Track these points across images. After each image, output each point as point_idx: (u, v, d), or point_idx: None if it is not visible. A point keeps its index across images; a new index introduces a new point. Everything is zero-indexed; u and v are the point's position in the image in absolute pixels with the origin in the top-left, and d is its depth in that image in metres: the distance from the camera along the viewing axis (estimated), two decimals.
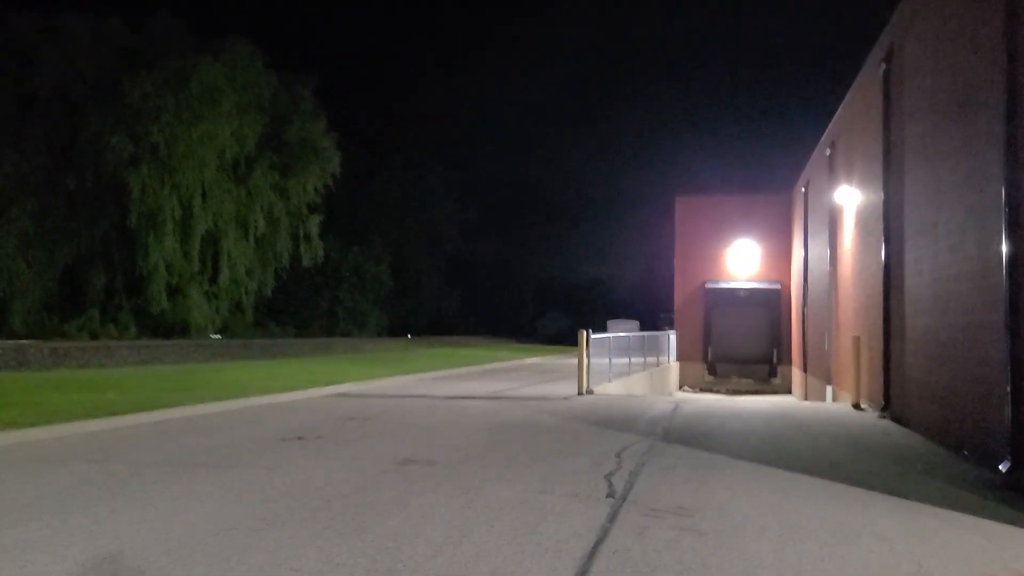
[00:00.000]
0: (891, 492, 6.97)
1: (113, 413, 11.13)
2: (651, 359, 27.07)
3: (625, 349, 22.51)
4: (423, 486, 6.95)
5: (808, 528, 5.70)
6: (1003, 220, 7.67)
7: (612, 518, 5.89)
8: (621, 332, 27.34)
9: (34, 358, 19.78)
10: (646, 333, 29.03)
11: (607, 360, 19.54)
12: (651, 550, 5.06)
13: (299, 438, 9.70)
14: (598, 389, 17.48)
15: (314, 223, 42.42)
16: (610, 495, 6.70)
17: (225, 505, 6.12)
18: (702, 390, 32.24)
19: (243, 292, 39.74)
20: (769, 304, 32.95)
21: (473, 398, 15.67)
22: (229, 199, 37.43)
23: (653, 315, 57.01)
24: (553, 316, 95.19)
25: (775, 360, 32.75)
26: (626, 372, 21.75)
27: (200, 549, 4.98)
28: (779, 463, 8.40)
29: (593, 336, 17.76)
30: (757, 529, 5.66)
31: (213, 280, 37.95)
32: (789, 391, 31.41)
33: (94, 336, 30.72)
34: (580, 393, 16.43)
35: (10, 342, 21.83)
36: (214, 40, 37.78)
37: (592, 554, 4.98)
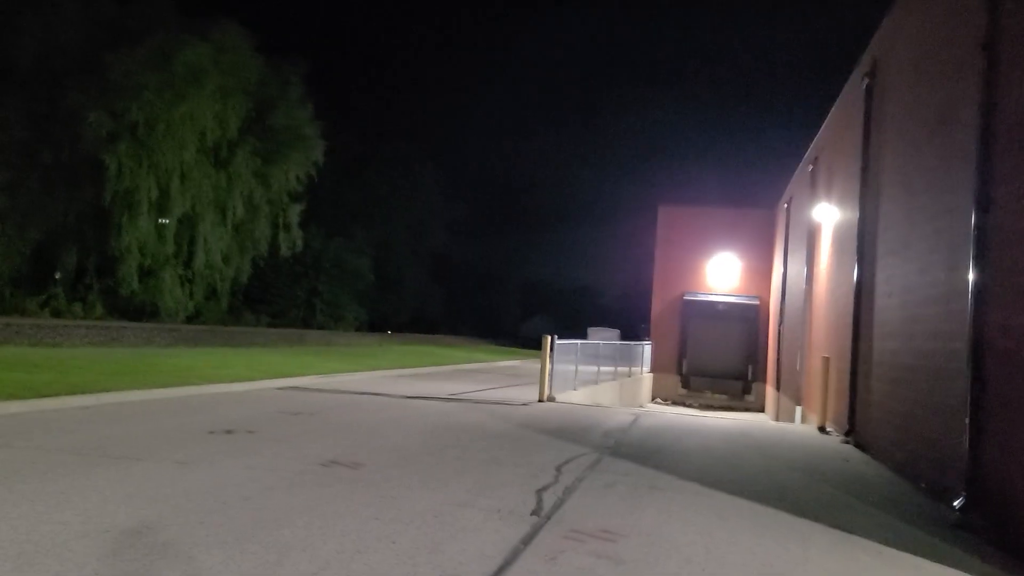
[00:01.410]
0: (837, 525, 6.55)
1: (41, 395, 10.60)
2: (623, 369, 26.65)
3: (596, 357, 22.09)
4: (338, 491, 6.48)
5: (736, 563, 5.27)
6: (971, 244, 7.28)
7: (529, 539, 5.44)
8: (601, 340, 26.95)
9: None
10: (620, 342, 28.63)
11: (576, 367, 19.12)
12: None
13: (228, 432, 9.21)
14: (561, 397, 17.03)
15: (294, 212, 41.73)
16: (535, 512, 6.25)
17: (110, 503, 5.62)
18: (674, 403, 31.83)
19: (218, 278, 39.01)
20: (747, 319, 32.60)
21: (430, 399, 15.20)
22: (208, 183, 36.68)
23: (636, 325, 56.75)
24: (537, 320, 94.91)
25: (750, 377, 32.40)
26: (594, 381, 21.31)
27: (56, 554, 4.49)
28: (726, 486, 7.97)
29: (559, 342, 17.31)
30: (681, 560, 5.22)
31: (188, 264, 37.21)
32: (763, 409, 31.07)
33: (57, 314, 29.99)
34: (541, 400, 15.97)
35: None
36: (202, 20, 37.07)
37: None
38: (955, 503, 7.17)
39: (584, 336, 38.58)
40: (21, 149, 32.84)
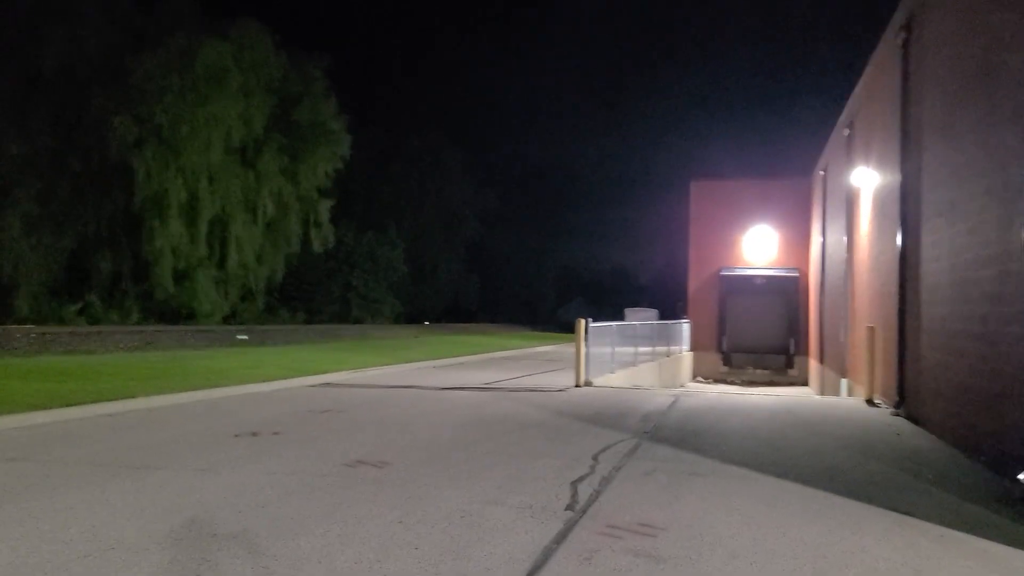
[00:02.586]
0: (892, 507, 6.10)
1: (68, 404, 10.49)
2: (662, 349, 26.16)
3: (632, 338, 21.63)
4: (361, 493, 6.18)
5: (787, 554, 4.87)
6: None
7: (562, 538, 5.10)
8: (638, 321, 26.49)
9: (19, 344, 19.28)
10: (657, 322, 28.12)
11: (612, 350, 18.72)
12: None
13: (253, 434, 8.98)
14: (598, 381, 16.65)
15: (324, 207, 41.81)
16: (570, 507, 5.89)
17: (119, 518, 5.38)
18: (716, 381, 31.26)
19: (252, 278, 39.26)
20: (786, 292, 31.84)
21: (464, 389, 14.90)
22: (237, 182, 36.84)
23: (674, 303, 56.01)
24: (575, 304, 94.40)
25: (792, 351, 31.67)
26: (632, 363, 20.88)
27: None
28: (771, 469, 7.54)
29: (594, 324, 16.92)
30: (726, 554, 4.83)
31: (221, 265, 37.44)
32: (807, 383, 30.37)
33: (95, 321, 30.29)
34: (577, 385, 15.61)
35: None
36: (223, 19, 37.16)
37: None
38: (1019, 475, 6.67)
39: (622, 317, 38.12)
40: (51, 157, 33.20)
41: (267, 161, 38.12)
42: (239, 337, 19.52)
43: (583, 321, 16.28)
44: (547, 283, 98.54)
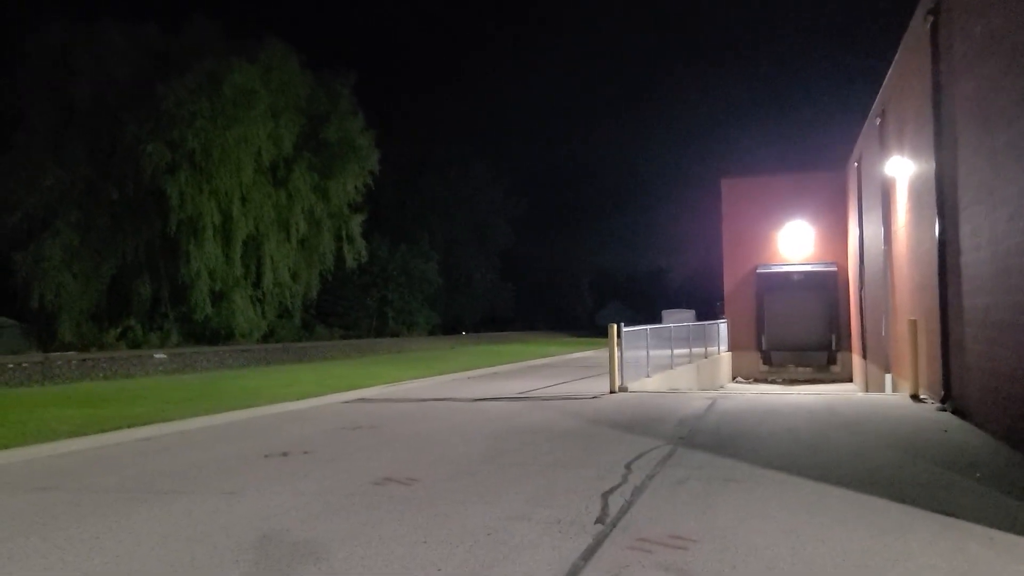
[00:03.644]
0: (939, 509, 5.83)
1: (102, 430, 10.55)
2: (699, 350, 25.79)
3: (668, 340, 21.32)
4: (387, 512, 6.07)
5: (827, 564, 4.64)
6: None
7: (590, 553, 4.93)
8: (675, 322, 26.16)
9: (60, 370, 19.56)
10: (694, 323, 27.74)
11: (647, 353, 18.46)
12: None
13: (283, 454, 8.92)
14: (634, 386, 16.41)
15: (356, 223, 41.99)
16: (599, 520, 5.72)
17: (143, 546, 5.32)
18: (756, 381, 30.74)
19: (288, 295, 39.51)
20: (825, 287, 31.23)
21: (498, 399, 14.77)
22: (269, 202, 37.15)
23: (711, 303, 55.42)
24: (611, 308, 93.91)
25: (834, 347, 31.02)
26: (668, 365, 20.58)
27: None
28: (811, 472, 7.29)
29: (628, 329, 16.69)
30: (762, 566, 4.62)
31: (257, 285, 37.75)
32: (850, 379, 29.74)
33: (136, 345, 30.69)
34: (612, 391, 15.38)
35: (36, 355, 21.76)
36: (248, 41, 37.54)
37: None
38: None
39: (659, 320, 37.73)
40: (87, 187, 33.78)
41: (297, 179, 38.41)
42: (156, 356, 19.50)
43: (616, 325, 16.05)
44: (583, 288, 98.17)
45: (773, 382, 30.07)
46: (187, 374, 22.96)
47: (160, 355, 19.69)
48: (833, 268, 31.08)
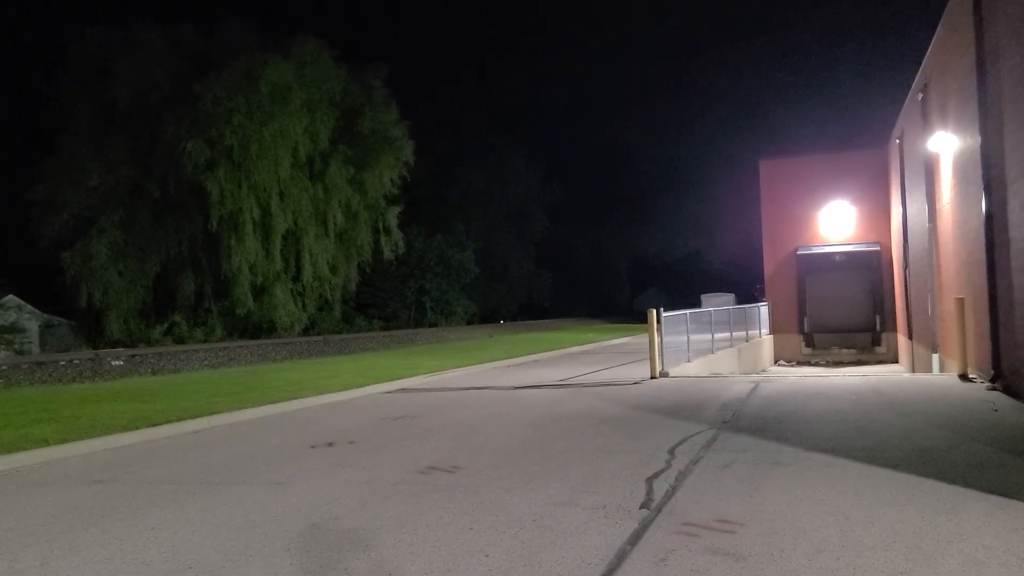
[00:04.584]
0: (991, 489, 5.75)
1: (153, 424, 10.77)
2: (740, 334, 25.56)
3: (708, 324, 21.17)
4: (433, 500, 6.13)
5: (878, 546, 4.60)
6: None
7: (636, 538, 4.94)
8: (714, 306, 25.98)
9: (110, 367, 19.99)
10: (734, 306, 27.49)
11: (687, 338, 18.35)
12: None
13: (329, 444, 9.05)
14: (675, 371, 16.33)
15: (392, 214, 42.21)
16: (645, 505, 5.72)
17: (197, 535, 5.44)
18: (799, 364, 30.39)
19: (327, 288, 39.88)
20: (869, 267, 30.70)
21: (538, 387, 14.80)
22: (306, 196, 37.49)
23: (751, 286, 54.83)
24: (650, 293, 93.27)
25: (878, 327, 30.52)
26: (709, 350, 20.44)
27: None
28: (859, 454, 7.21)
29: (667, 314, 16.61)
30: (812, 549, 4.59)
31: (296, 278, 38.16)
32: (896, 360, 29.26)
33: (181, 340, 31.24)
34: (653, 377, 15.33)
35: (87, 351, 22.26)
36: (282, 39, 37.87)
37: None
38: None
39: (698, 304, 37.44)
40: (130, 186, 34.38)
41: (334, 173, 38.68)
42: (115, 363, 19.70)
43: (655, 311, 15.98)
44: (620, 274, 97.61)
45: (816, 365, 29.71)
46: (231, 367, 23.33)
47: (118, 361, 20.07)
48: (876, 248, 30.55)
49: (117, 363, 20.36)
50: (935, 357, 18.37)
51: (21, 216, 34.65)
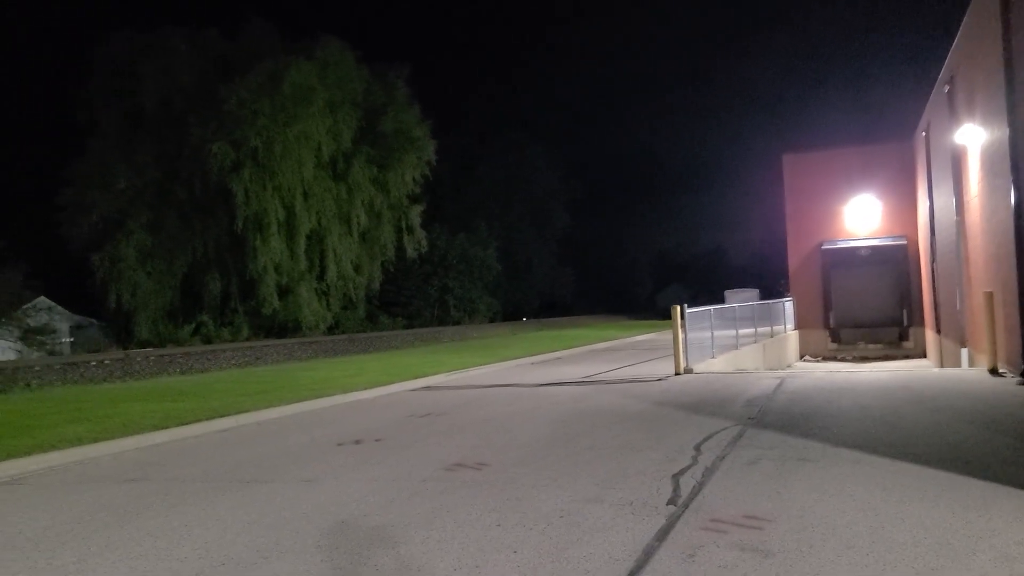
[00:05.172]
0: (1023, 485, 5.69)
1: (183, 423, 10.92)
2: (765, 329, 25.42)
3: (733, 320, 21.09)
4: (460, 497, 6.18)
5: (908, 542, 4.58)
6: None
7: (664, 534, 4.95)
8: (738, 302, 25.87)
9: (139, 367, 20.28)
10: (758, 302, 27.33)
11: (712, 334, 18.30)
12: None
13: (356, 442, 9.13)
14: (699, 367, 16.29)
15: (415, 213, 42.41)
16: (671, 502, 5.73)
17: (229, 532, 5.52)
18: (825, 359, 30.17)
19: (352, 287, 40.14)
20: (895, 261, 30.42)
21: (561, 384, 14.82)
22: (330, 196, 37.77)
23: (775, 282, 54.45)
24: (673, 289, 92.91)
25: (906, 322, 30.23)
26: (733, 346, 20.35)
27: None
28: (887, 450, 7.17)
29: (691, 310, 16.57)
30: (840, 545, 4.58)
31: (321, 278, 38.46)
32: (924, 355, 28.96)
33: (208, 340, 31.58)
34: (677, 373, 15.30)
35: (117, 352, 22.58)
36: (304, 40, 38.19)
37: None
38: None
39: (721, 300, 37.25)
40: (157, 188, 34.80)
41: (357, 173, 38.93)
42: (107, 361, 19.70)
43: (679, 307, 15.95)
44: (643, 270, 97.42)
45: (843, 360, 29.48)
46: (258, 367, 23.57)
47: (104, 359, 20.27)
48: (903, 241, 30.26)
49: (146, 361, 20.63)
50: (964, 352, 18.18)
51: (51, 219, 35.20)
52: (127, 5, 69.51)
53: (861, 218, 31.05)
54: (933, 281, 25.26)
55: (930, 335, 27.35)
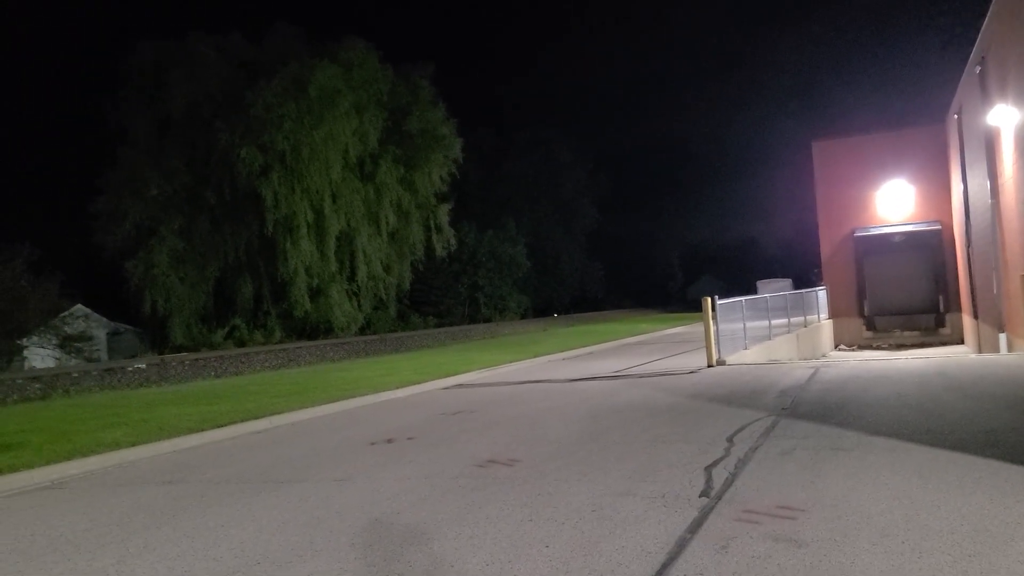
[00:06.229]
0: None
1: (218, 425, 11.07)
2: (798, 319, 25.16)
3: (765, 310, 20.90)
4: (492, 493, 6.20)
5: (944, 530, 4.52)
6: None
7: (696, 526, 4.93)
8: (770, 292, 25.65)
9: (175, 371, 20.59)
10: (791, 292, 27.06)
11: (744, 325, 18.15)
12: (729, 573, 4.08)
13: (389, 441, 9.20)
14: (731, 359, 16.17)
15: (443, 212, 42.57)
16: (704, 494, 5.70)
17: (264, 532, 5.59)
18: (860, 348, 29.79)
19: (382, 287, 40.39)
20: (930, 247, 29.94)
21: (593, 379, 14.80)
22: (358, 197, 38.03)
23: (808, 271, 53.89)
24: (704, 281, 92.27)
25: (942, 308, 29.75)
26: (766, 336, 20.18)
27: None
28: (923, 438, 7.07)
29: (722, 301, 16.46)
30: (876, 534, 4.53)
31: (351, 279, 38.75)
32: (961, 341, 28.49)
33: (241, 343, 31.96)
34: (709, 365, 15.21)
35: (153, 357, 22.94)
36: (328, 43, 38.46)
37: None
38: None
39: (753, 290, 36.94)
40: (187, 194, 35.28)
41: (384, 173, 39.15)
42: (130, 368, 19.73)
43: (710, 298, 15.85)
44: (673, 262, 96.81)
45: (878, 348, 29.10)
46: (291, 368, 23.80)
47: (139, 364, 20.49)
48: (937, 226, 29.78)
49: (181, 365, 20.94)
50: (1002, 337, 17.86)
51: (86, 227, 35.84)
52: (154, 13, 70.46)
53: (894, 204, 30.61)
54: (969, 266, 24.84)
55: (967, 321, 26.90)
